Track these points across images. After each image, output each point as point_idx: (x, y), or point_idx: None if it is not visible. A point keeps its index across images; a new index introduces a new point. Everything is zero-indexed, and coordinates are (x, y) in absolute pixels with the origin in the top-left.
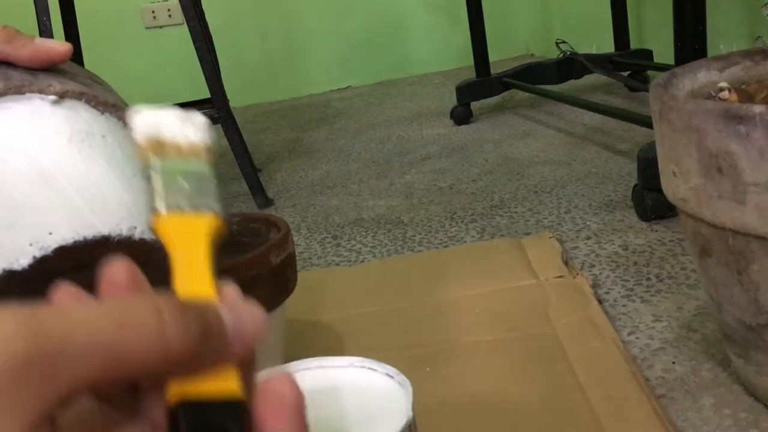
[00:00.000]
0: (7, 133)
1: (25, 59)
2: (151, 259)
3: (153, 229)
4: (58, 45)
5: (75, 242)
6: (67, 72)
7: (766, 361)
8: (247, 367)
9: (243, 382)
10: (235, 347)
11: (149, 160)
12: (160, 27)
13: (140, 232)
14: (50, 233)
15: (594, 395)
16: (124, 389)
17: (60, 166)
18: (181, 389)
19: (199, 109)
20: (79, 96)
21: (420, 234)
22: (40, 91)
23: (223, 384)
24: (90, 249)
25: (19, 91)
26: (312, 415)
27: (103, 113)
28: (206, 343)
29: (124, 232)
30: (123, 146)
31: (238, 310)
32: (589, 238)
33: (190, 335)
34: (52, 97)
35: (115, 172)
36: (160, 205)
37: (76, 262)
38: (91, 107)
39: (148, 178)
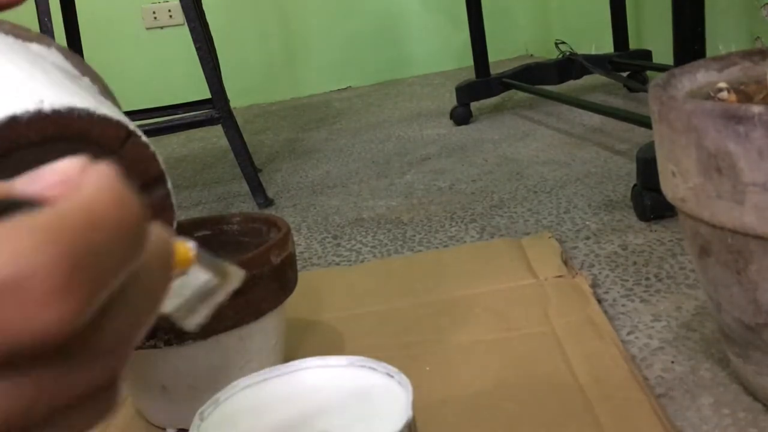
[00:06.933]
0: None
1: None
2: (88, 134)
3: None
4: None
5: None
6: None
7: (765, 361)
8: None
9: None
10: None
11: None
12: (161, 27)
13: (50, 104)
14: None
15: (593, 395)
16: None
17: None
18: None
19: (199, 109)
20: None
21: (420, 234)
22: None
23: None
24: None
25: None
26: (313, 414)
27: None
28: None
29: (32, 108)
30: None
31: None
32: (588, 237)
33: None
34: None
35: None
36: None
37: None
38: None
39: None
